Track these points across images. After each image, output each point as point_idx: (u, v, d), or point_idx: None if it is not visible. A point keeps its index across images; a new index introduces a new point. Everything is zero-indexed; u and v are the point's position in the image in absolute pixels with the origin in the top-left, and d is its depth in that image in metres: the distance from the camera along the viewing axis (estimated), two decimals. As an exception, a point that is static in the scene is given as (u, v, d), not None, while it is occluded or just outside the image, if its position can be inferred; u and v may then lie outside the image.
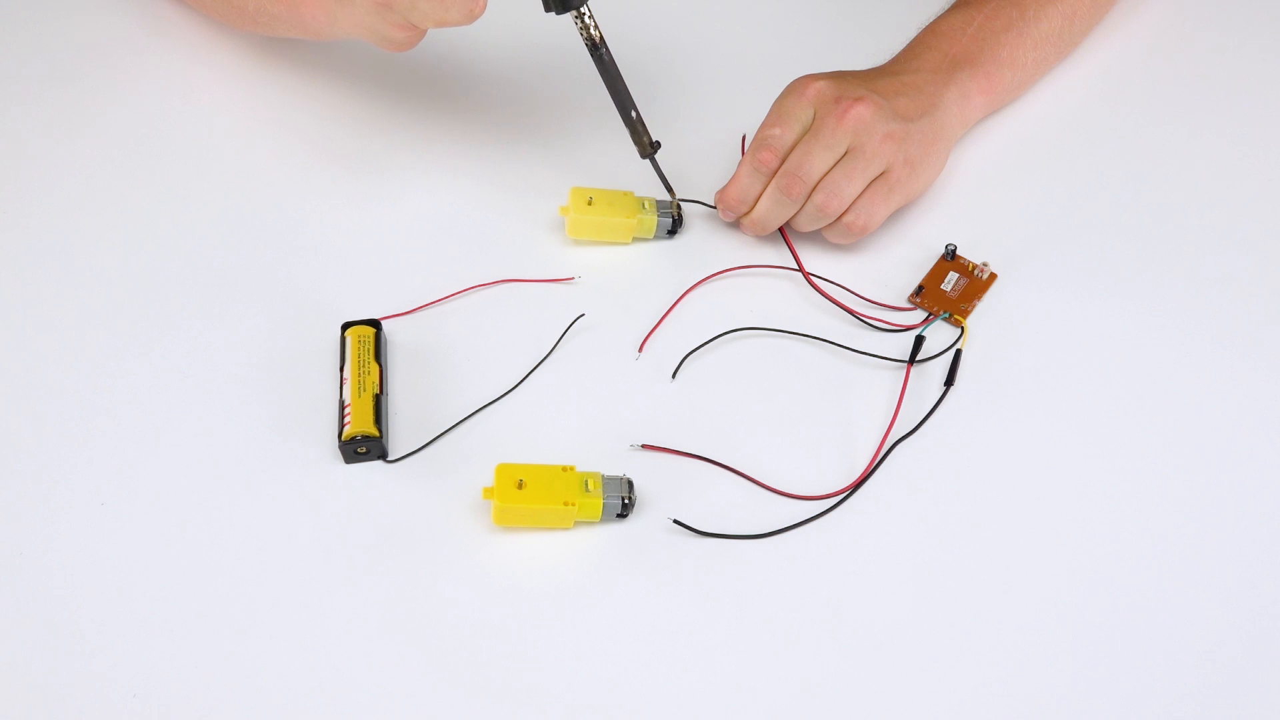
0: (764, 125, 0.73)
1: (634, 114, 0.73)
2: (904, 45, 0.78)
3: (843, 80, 0.73)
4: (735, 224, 0.76)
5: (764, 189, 0.73)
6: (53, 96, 0.83)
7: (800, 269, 0.74)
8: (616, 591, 0.62)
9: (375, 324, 0.70)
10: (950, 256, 0.74)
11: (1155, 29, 0.87)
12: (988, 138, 0.80)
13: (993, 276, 0.74)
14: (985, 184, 0.79)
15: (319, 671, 0.60)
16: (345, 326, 0.70)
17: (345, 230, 0.76)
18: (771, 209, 0.73)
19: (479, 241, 0.75)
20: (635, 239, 0.76)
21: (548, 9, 0.68)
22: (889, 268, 0.74)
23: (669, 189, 0.75)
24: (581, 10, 0.68)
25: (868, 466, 0.66)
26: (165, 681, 0.59)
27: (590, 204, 0.74)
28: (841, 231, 0.73)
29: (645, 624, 0.61)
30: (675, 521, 0.63)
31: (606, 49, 0.70)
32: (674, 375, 0.70)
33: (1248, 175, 0.79)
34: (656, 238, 0.76)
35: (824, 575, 0.63)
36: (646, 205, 0.75)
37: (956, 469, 0.66)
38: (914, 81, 0.74)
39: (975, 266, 0.74)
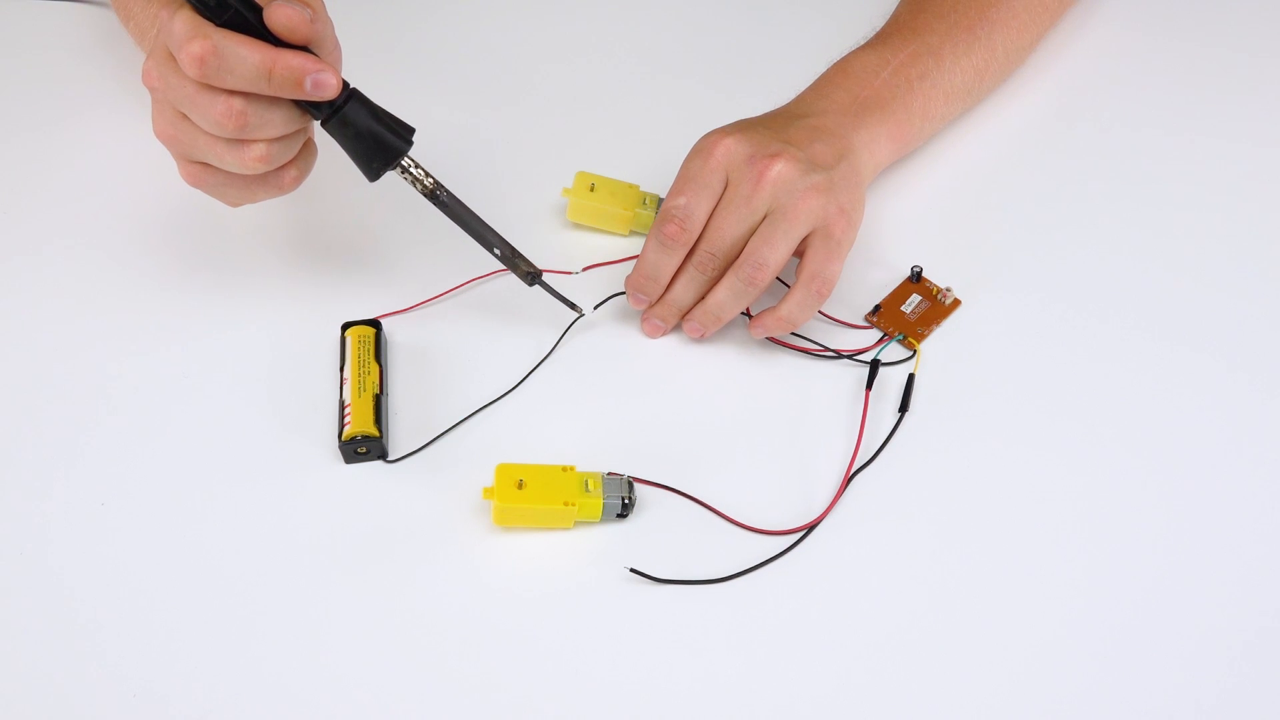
0: (670, 194, 0.68)
1: (498, 252, 0.67)
2: (811, 82, 0.74)
3: (753, 134, 0.67)
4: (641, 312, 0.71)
5: (677, 266, 0.68)
6: (58, 100, 0.83)
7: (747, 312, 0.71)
8: (616, 592, 0.62)
9: (375, 324, 0.70)
10: (915, 278, 0.73)
11: (1131, 47, 0.86)
12: (964, 160, 0.79)
13: (956, 303, 0.72)
14: (954, 207, 0.77)
15: (319, 671, 0.60)
16: (345, 326, 0.70)
17: (345, 230, 0.76)
18: (688, 288, 0.69)
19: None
20: (632, 232, 0.76)
21: (371, 179, 0.64)
22: (847, 286, 0.72)
23: (571, 306, 0.70)
24: (403, 164, 0.64)
25: (834, 498, 0.65)
26: (165, 681, 0.59)
27: (592, 190, 0.75)
28: (808, 303, 0.67)
29: (645, 624, 0.61)
30: (632, 570, 0.62)
31: (444, 190, 0.65)
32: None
33: (1219, 201, 0.78)
34: None
35: (828, 579, 0.63)
36: (647, 201, 0.75)
37: (916, 497, 0.65)
38: (824, 124, 0.69)
39: (939, 290, 0.72)
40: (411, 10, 0.88)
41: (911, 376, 0.69)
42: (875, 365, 0.69)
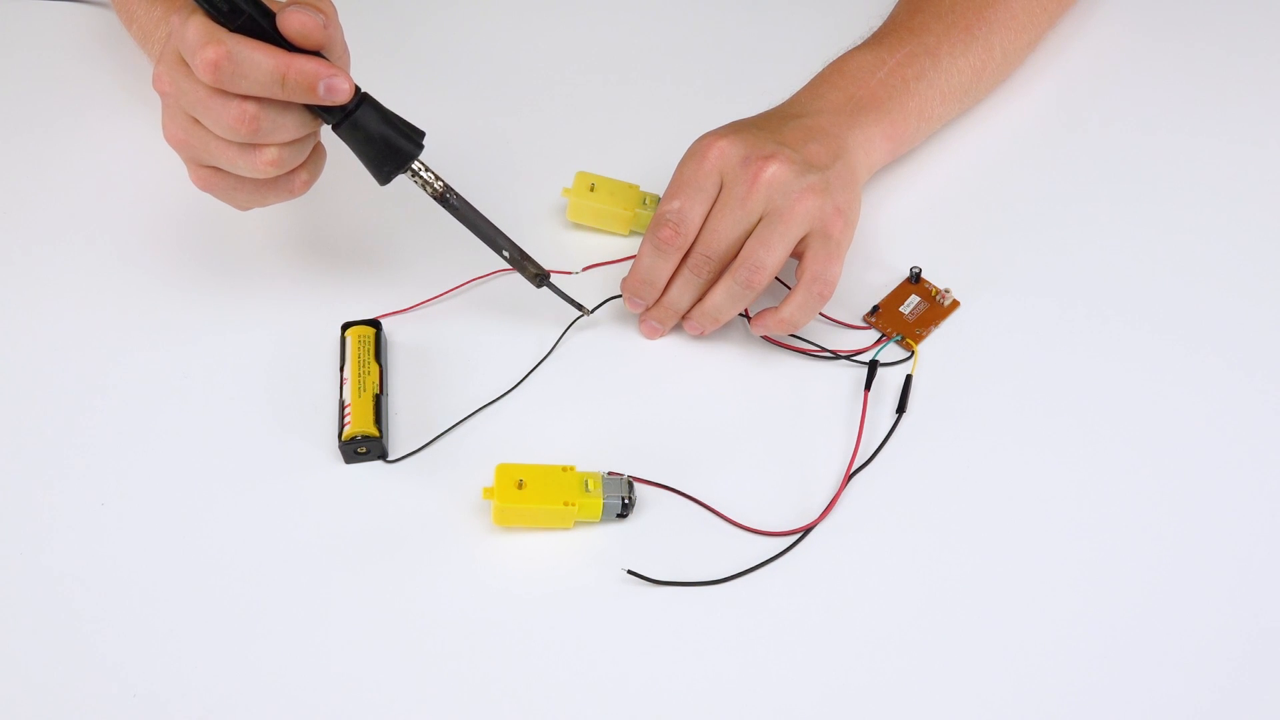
0: (665, 198, 0.67)
1: (506, 254, 0.67)
2: (807, 81, 0.73)
3: (747, 136, 0.67)
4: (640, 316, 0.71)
5: (673, 270, 0.68)
6: (58, 100, 0.83)
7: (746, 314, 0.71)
8: (616, 592, 0.62)
9: (375, 324, 0.70)
10: (915, 279, 0.73)
11: (1130, 47, 0.86)
12: (963, 160, 0.79)
13: (954, 304, 0.72)
14: (953, 208, 0.77)
15: (319, 671, 0.60)
16: (345, 326, 0.70)
17: (345, 230, 0.76)
18: (684, 291, 0.69)
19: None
20: (632, 232, 0.76)
21: (382, 183, 0.64)
22: (846, 286, 0.71)
23: (578, 306, 0.71)
24: (414, 168, 0.64)
25: (834, 498, 0.65)
26: (165, 681, 0.59)
27: (592, 190, 0.75)
28: (810, 305, 0.67)
29: (646, 624, 0.61)
30: (629, 572, 0.62)
31: (454, 193, 0.65)
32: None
33: (1218, 201, 0.78)
34: None
35: (826, 579, 0.63)
36: (647, 201, 0.75)
37: (914, 497, 0.65)
38: (818, 124, 0.69)
39: (938, 291, 0.72)
40: (410, 12, 0.88)
41: (909, 378, 0.69)
42: (874, 366, 0.69)
